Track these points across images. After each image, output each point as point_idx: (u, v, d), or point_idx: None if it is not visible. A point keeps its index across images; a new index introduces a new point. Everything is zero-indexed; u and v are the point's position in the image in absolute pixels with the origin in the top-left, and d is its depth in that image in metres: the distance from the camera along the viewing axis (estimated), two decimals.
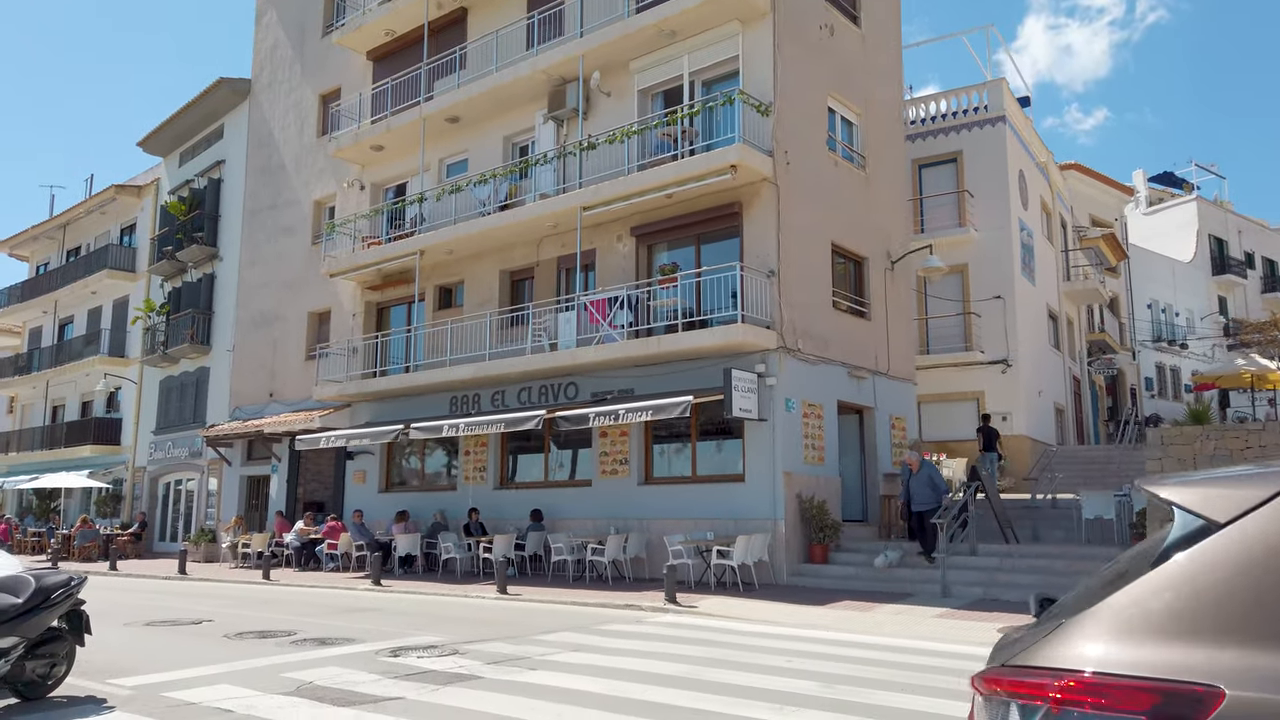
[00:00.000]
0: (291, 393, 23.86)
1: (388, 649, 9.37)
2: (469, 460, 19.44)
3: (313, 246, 24.27)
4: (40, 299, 34.93)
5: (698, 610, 12.27)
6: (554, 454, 18.37)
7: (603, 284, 17.38)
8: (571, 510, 17.34)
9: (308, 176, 24.72)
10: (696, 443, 16.16)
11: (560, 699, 6.94)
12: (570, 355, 16.53)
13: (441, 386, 19.43)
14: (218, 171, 27.97)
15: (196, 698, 7.10)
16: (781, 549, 14.52)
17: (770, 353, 15.05)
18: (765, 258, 15.37)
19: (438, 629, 10.83)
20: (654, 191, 15.99)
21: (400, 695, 7.10)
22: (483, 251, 19.78)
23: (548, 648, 9.43)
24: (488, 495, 18.89)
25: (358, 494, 21.54)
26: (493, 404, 18.90)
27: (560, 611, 12.66)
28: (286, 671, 8.13)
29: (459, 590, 15.16)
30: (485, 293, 19.86)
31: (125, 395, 30.75)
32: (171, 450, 27.74)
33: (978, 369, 23.18)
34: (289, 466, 23.37)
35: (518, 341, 18.56)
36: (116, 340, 31.51)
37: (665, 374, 16.11)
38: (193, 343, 26.64)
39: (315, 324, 24.01)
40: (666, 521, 15.86)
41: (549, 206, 17.50)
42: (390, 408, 20.87)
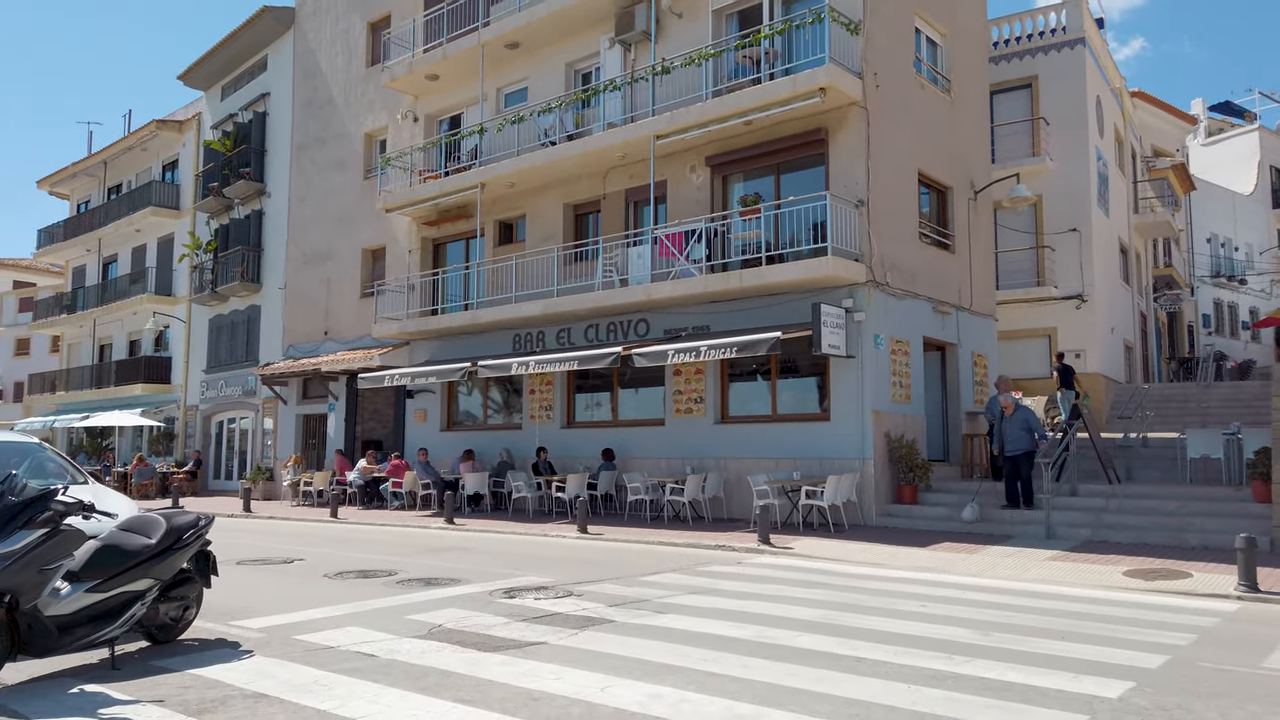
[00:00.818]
0: (347, 331, 23.56)
1: (499, 590, 9.10)
2: (534, 399, 19.11)
3: (365, 181, 23.70)
4: (83, 237, 34.72)
5: (794, 551, 11.94)
6: (623, 392, 17.97)
7: (674, 217, 16.75)
8: (643, 449, 17.01)
9: (357, 109, 24.03)
10: (777, 380, 15.68)
11: (709, 645, 6.60)
12: (644, 291, 16.00)
13: (505, 324, 19.01)
14: (262, 105, 27.31)
15: (331, 640, 6.83)
16: (870, 489, 14.12)
17: (858, 287, 14.45)
18: (853, 187, 14.66)
19: (537, 569, 10.57)
20: (734, 118, 15.25)
21: (541, 640, 6.79)
22: (546, 184, 19.15)
23: (660, 589, 9.12)
24: (554, 434, 18.60)
25: (418, 433, 21.34)
26: (558, 342, 18.48)
27: (653, 552, 12.38)
28: (410, 614, 7.86)
29: (536, 529, 14.95)
30: (548, 227, 19.29)
31: (174, 334, 30.65)
32: (224, 389, 27.68)
33: (1050, 305, 22.41)
34: (346, 405, 23.19)
35: (583, 277, 18.06)
36: (163, 278, 31.30)
37: (741, 310, 15.58)
38: (243, 280, 26.32)
39: (369, 261, 23.58)
40: (745, 461, 15.51)
41: (618, 136, 16.80)
42: (449, 346, 20.52)
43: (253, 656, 6.36)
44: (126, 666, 6.10)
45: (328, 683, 5.65)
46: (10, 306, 56.00)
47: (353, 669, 5.99)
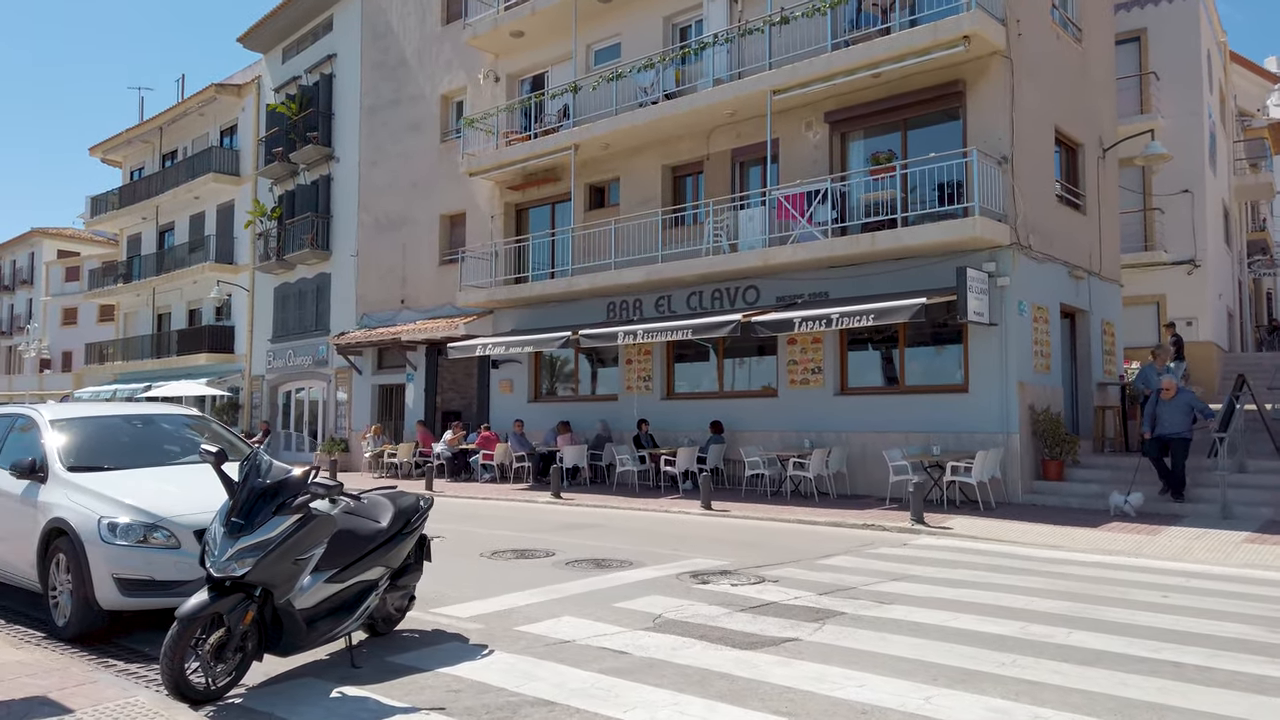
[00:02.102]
0: (425, 299, 22.95)
1: (684, 573, 8.47)
2: (631, 369, 18.44)
3: (442, 145, 22.94)
4: (139, 205, 34.27)
5: (954, 531, 11.24)
6: (729, 362, 17.26)
7: (787, 177, 15.91)
8: (754, 422, 16.32)
9: (432, 69, 23.22)
10: (904, 349, 14.90)
11: (967, 641, 5.95)
12: (760, 256, 15.22)
13: (599, 291, 18.30)
14: (328, 67, 26.54)
15: (558, 632, 6.23)
16: (1015, 465, 13.36)
17: (1001, 250, 13.59)
18: (995, 143, 13.74)
19: (697, 549, 9.94)
20: (864, 70, 14.35)
21: (789, 635, 6.14)
22: (643, 145, 18.33)
23: (854, 575, 8.45)
24: (654, 406, 17.94)
25: (503, 404, 20.77)
26: (657, 310, 17.77)
27: (801, 531, 11.72)
28: (614, 601, 7.25)
29: (653, 505, 14.34)
30: (645, 190, 18.49)
31: (237, 302, 30.21)
32: (293, 359, 27.23)
33: (1159, 270, 21.41)
34: (426, 375, 22.65)
35: (684, 242, 17.30)
36: (223, 246, 30.81)
37: (862, 275, 14.78)
38: (313, 248, 25.74)
39: (447, 227, 22.89)
40: (869, 435, 14.79)
41: (729, 92, 15.93)
42: (536, 314, 19.86)
43: (494, 652, 5.76)
44: (363, 664, 5.51)
45: (606, 686, 5.04)
46: (56, 276, 56.06)
47: (616, 669, 5.38)
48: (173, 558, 6.09)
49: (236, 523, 4.88)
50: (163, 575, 6.06)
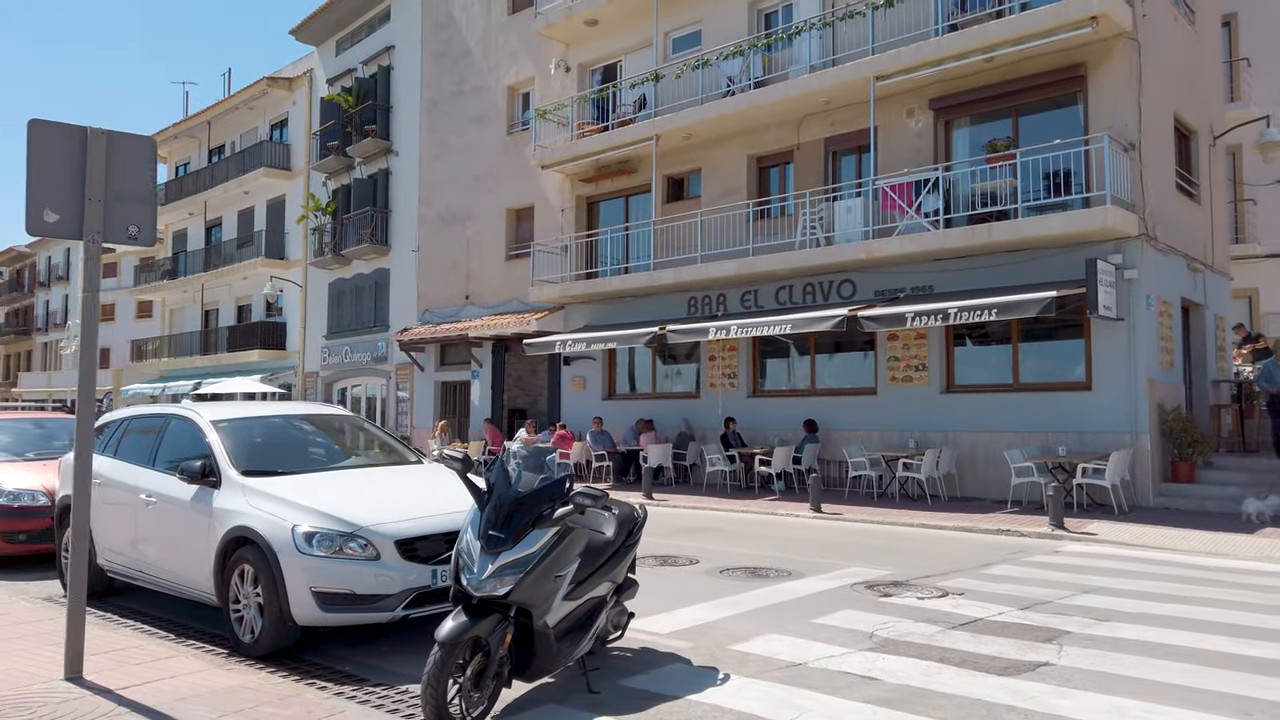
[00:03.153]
0: (490, 295, 22.53)
1: (857, 584, 7.97)
2: (714, 366, 17.95)
3: (508, 137, 22.50)
4: (186, 200, 34.05)
5: (1098, 537, 10.67)
6: (821, 359, 16.74)
7: (887, 166, 15.34)
8: (850, 420, 15.80)
9: (497, 60, 22.77)
10: (1018, 344, 14.34)
11: (1234, 665, 5.43)
12: (863, 249, 14.68)
13: (680, 286, 17.81)
14: (386, 59, 26.15)
15: (778, 652, 5.75)
16: (1145, 467, 12.78)
17: (1129, 241, 13.00)
18: (1120, 129, 13.14)
19: (839, 555, 9.44)
20: (977, 54, 13.78)
21: (1039, 659, 5.64)
22: (727, 135, 17.81)
23: (1035, 587, 7.94)
24: (740, 403, 17.44)
25: (576, 401, 20.34)
26: (743, 305, 17.26)
27: (935, 537, 11.20)
28: (810, 616, 6.76)
29: (755, 506, 13.85)
30: (728, 181, 17.98)
31: (289, 298, 29.92)
32: (349, 355, 26.90)
33: (1252, 264, 20.69)
34: (492, 372, 22.24)
35: (771, 235, 16.79)
36: (274, 242, 30.52)
37: (971, 269, 14.23)
38: (371, 243, 25.37)
39: (514, 221, 22.45)
40: (980, 435, 14.24)
41: (828, 79, 15.39)
42: (609, 310, 19.41)
43: (730, 676, 5.28)
44: (599, 689, 5.05)
45: None
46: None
47: (882, 698, 4.89)
48: (373, 570, 5.65)
49: (496, 537, 4.42)
50: (363, 589, 5.62)
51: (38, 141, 4.93)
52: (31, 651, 5.46)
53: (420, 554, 5.79)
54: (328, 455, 7.21)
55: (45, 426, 10.54)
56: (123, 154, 5.17)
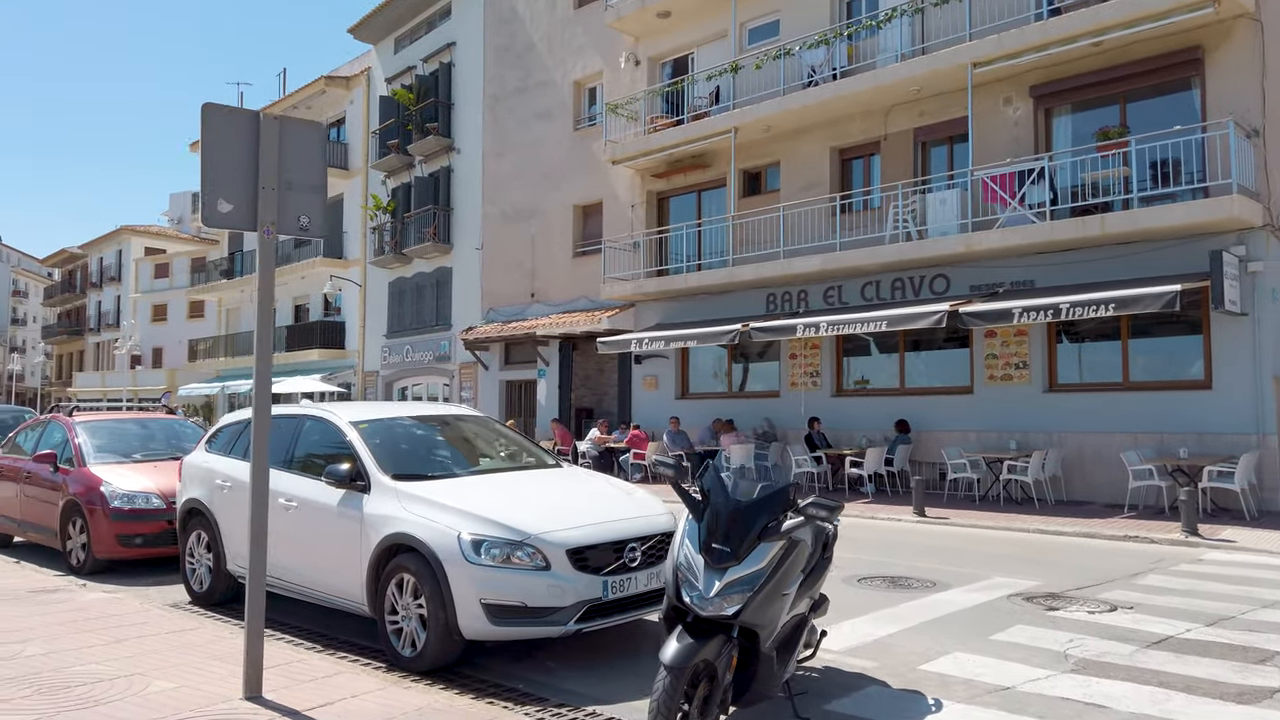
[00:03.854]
0: (557, 292, 22.24)
1: (1012, 595, 7.52)
2: (796, 364, 17.50)
3: (575, 133, 22.19)
4: None
5: (1238, 544, 10.08)
6: (913, 356, 16.23)
7: (982, 156, 14.77)
8: (944, 420, 15.27)
9: (563, 54, 22.47)
10: (1128, 341, 13.73)
11: None
12: (962, 242, 14.15)
13: (760, 283, 17.38)
14: (447, 55, 25.97)
15: (979, 674, 5.33)
16: (1275, 469, 12.14)
17: (1253, 232, 12.36)
18: (1240, 114, 12.49)
19: (971, 563, 8.98)
20: (1085, 38, 13.20)
21: (1271, 684, 5.17)
22: (808, 127, 17.34)
23: (1206, 600, 7.42)
24: (823, 403, 16.98)
25: (648, 400, 19.99)
26: (826, 301, 16.80)
27: (1056, 544, 10.69)
28: (985, 633, 6.34)
29: (852, 509, 13.37)
30: (809, 174, 17.51)
31: (347, 297, 29.89)
32: (410, 354, 26.78)
33: None
34: (559, 370, 21.96)
35: (855, 229, 16.32)
36: (331, 241, 30.51)
37: (1076, 262, 13.65)
38: (434, 241, 25.21)
39: (581, 218, 22.14)
40: (1088, 436, 13.66)
41: (919, 67, 14.88)
42: (682, 308, 19.04)
43: (945, 703, 4.87)
44: (792, 714, 4.67)
45: None
46: (146, 273, 56.77)
47: None
48: (544, 580, 5.31)
49: (720, 551, 4.06)
50: (535, 601, 5.29)
51: (211, 127, 4.65)
52: (196, 667, 5.20)
53: (591, 564, 5.46)
54: (468, 458, 6.91)
55: (149, 427, 10.37)
56: (294, 140, 4.88)
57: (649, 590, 5.72)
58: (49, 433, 9.95)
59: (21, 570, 8.62)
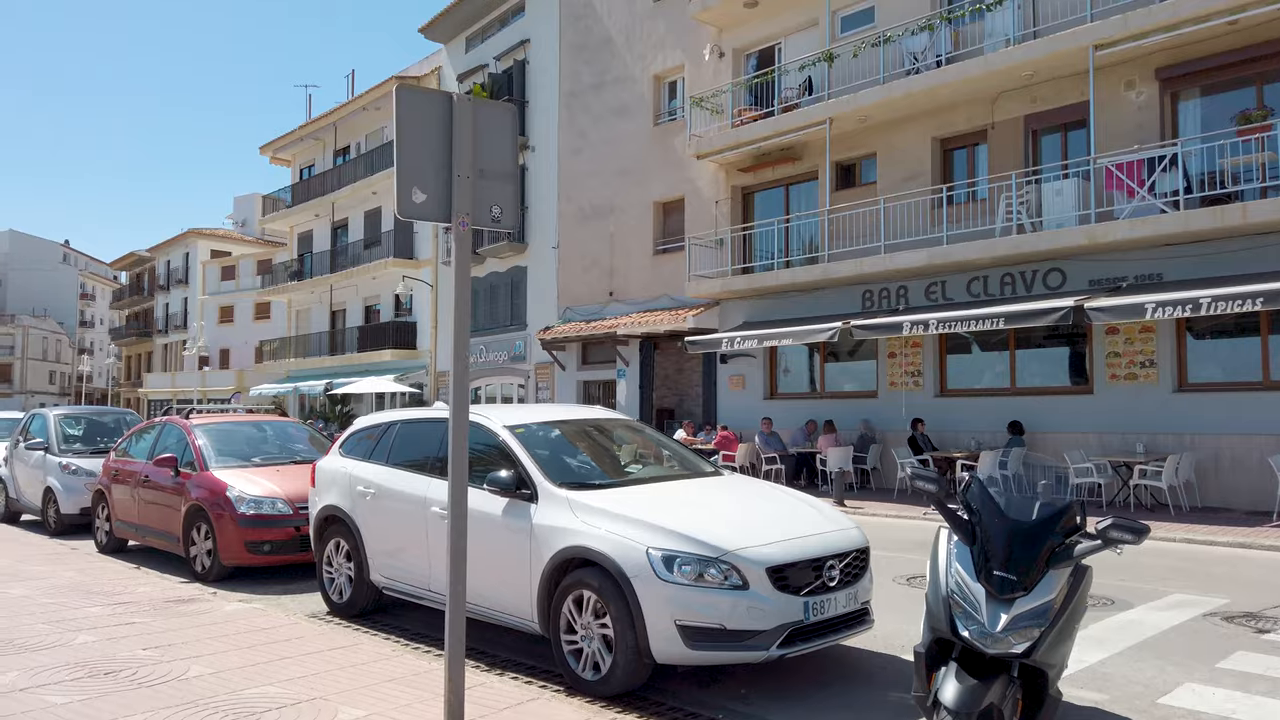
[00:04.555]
0: (636, 291, 21.85)
1: (1208, 614, 6.90)
2: (895, 363, 16.87)
3: (655, 128, 21.77)
4: (313, 202, 34.44)
5: None
6: (1024, 354, 15.50)
7: (1102, 143, 13.97)
8: (1061, 422, 14.52)
9: (642, 49, 22.07)
10: (1267, 338, 12.89)
11: None
12: (1084, 234, 13.41)
13: (857, 279, 16.77)
14: (521, 52, 25.74)
15: (1231, 711, 4.76)
16: None
17: None
18: None
19: (1136, 577, 8.34)
20: (1220, 16, 12.40)
21: None
22: (907, 117, 16.69)
23: None
24: (926, 403, 16.32)
25: (734, 401, 19.50)
26: (928, 298, 16.14)
27: (1216, 555, 9.97)
28: (1208, 659, 5.74)
29: None
30: (909, 166, 16.85)
31: (418, 298, 29.87)
32: (485, 354, 26.62)
33: None
34: (640, 370, 21.56)
35: (961, 222, 15.65)
36: (402, 242, 30.51)
37: (1206, 255, 12.85)
38: (508, 240, 25.00)
39: (661, 215, 21.72)
40: (1223, 438, 12.85)
41: (1034, 50, 14.16)
42: (769, 306, 18.52)
43: None
44: None
45: None
46: (213, 275, 57.76)
47: None
48: (744, 601, 4.87)
49: (1005, 579, 3.57)
50: (734, 623, 4.85)
51: (406, 111, 4.29)
52: (375, 691, 4.85)
53: (791, 583, 5.01)
54: (630, 464, 6.50)
55: (266, 430, 10.17)
56: (486, 124, 4.50)
57: (847, 612, 5.26)
58: (165, 436, 9.79)
59: (146, 577, 8.45)
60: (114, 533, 10.19)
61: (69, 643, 5.76)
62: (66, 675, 5.01)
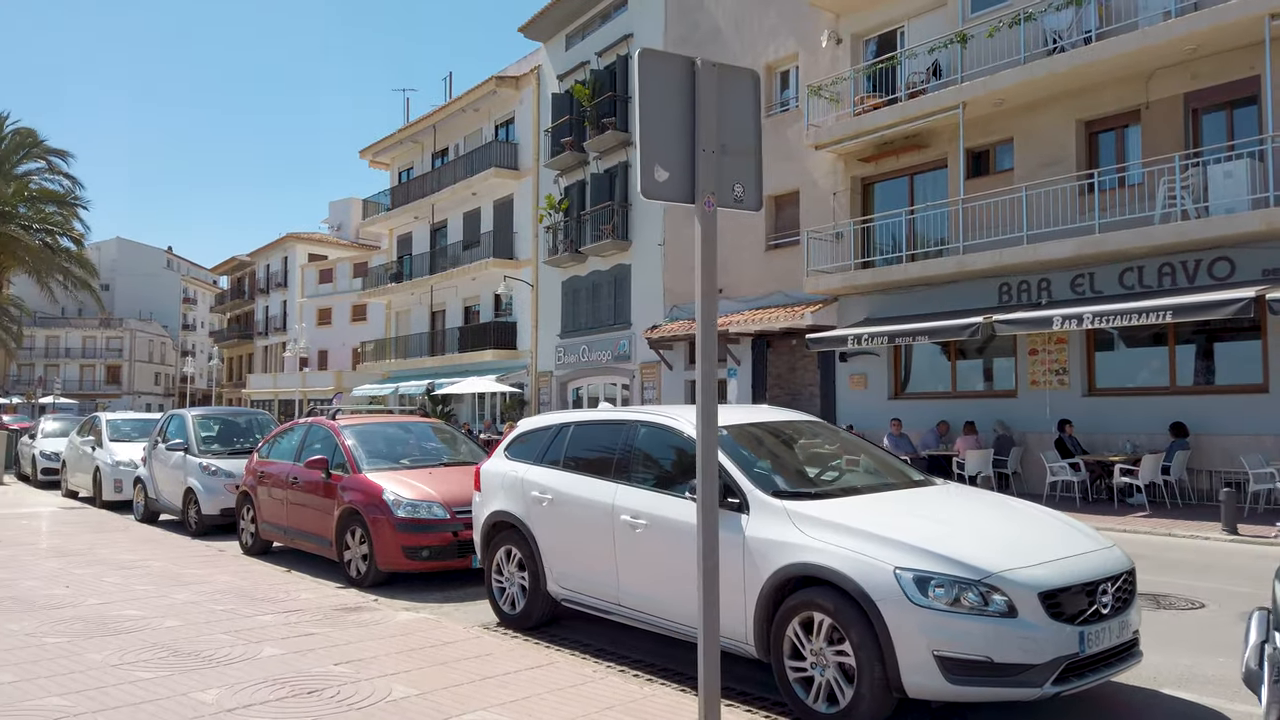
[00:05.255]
0: (748, 288, 21.25)
1: None
2: (1037, 360, 15.89)
3: (766, 119, 21.12)
4: (412, 205, 34.80)
5: None
6: (1184, 350, 14.39)
7: (1277, 121, 12.84)
8: (1231, 424, 13.39)
9: (752, 38, 21.46)
10: None
11: None
12: (1260, 218, 12.30)
13: (994, 271, 15.88)
14: (624, 47, 25.42)
15: None
16: None
17: None
18: None
19: None
20: None
21: None
22: (1048, 99, 15.70)
23: None
24: (1072, 403, 15.31)
25: (855, 401, 18.74)
26: (1074, 290, 15.14)
27: None
28: None
29: (1139, 523, 11.80)
30: (1050, 151, 15.85)
31: (519, 298, 29.85)
32: (586, 354, 26.39)
33: None
34: (752, 369, 20.97)
35: (1108, 210, 14.61)
36: (502, 242, 30.55)
37: None
38: (612, 239, 24.68)
39: (773, 209, 21.08)
40: None
41: (1196, 23, 13.09)
42: (892, 301, 17.72)
43: None
44: None
45: None
46: (310, 278, 59.31)
47: None
48: (1013, 630, 4.28)
49: None
50: (1003, 656, 4.27)
51: (649, 78, 3.88)
52: None
53: (1064, 611, 4.40)
54: (839, 471, 5.97)
55: (411, 430, 9.98)
56: (730, 93, 4.04)
57: (1120, 644, 4.62)
58: (311, 437, 9.66)
59: (301, 582, 8.27)
60: (259, 534, 10.12)
61: (255, 655, 5.52)
62: (270, 694, 4.73)
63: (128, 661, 5.37)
